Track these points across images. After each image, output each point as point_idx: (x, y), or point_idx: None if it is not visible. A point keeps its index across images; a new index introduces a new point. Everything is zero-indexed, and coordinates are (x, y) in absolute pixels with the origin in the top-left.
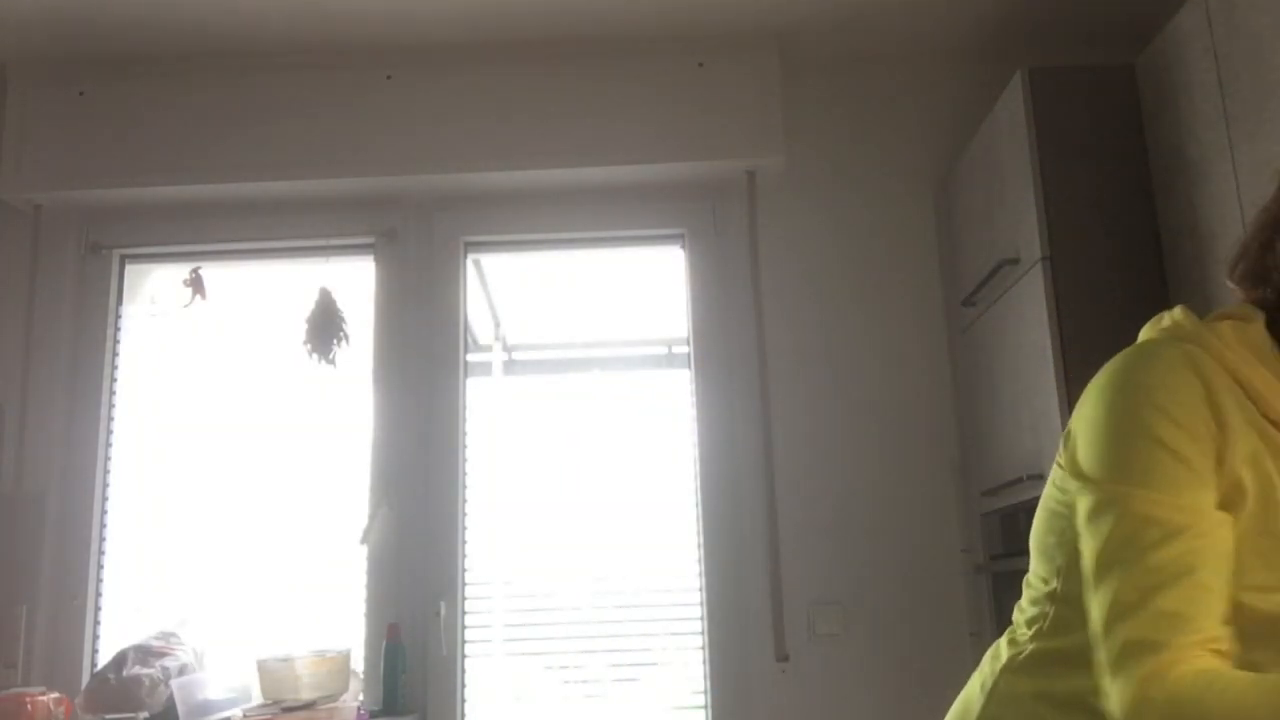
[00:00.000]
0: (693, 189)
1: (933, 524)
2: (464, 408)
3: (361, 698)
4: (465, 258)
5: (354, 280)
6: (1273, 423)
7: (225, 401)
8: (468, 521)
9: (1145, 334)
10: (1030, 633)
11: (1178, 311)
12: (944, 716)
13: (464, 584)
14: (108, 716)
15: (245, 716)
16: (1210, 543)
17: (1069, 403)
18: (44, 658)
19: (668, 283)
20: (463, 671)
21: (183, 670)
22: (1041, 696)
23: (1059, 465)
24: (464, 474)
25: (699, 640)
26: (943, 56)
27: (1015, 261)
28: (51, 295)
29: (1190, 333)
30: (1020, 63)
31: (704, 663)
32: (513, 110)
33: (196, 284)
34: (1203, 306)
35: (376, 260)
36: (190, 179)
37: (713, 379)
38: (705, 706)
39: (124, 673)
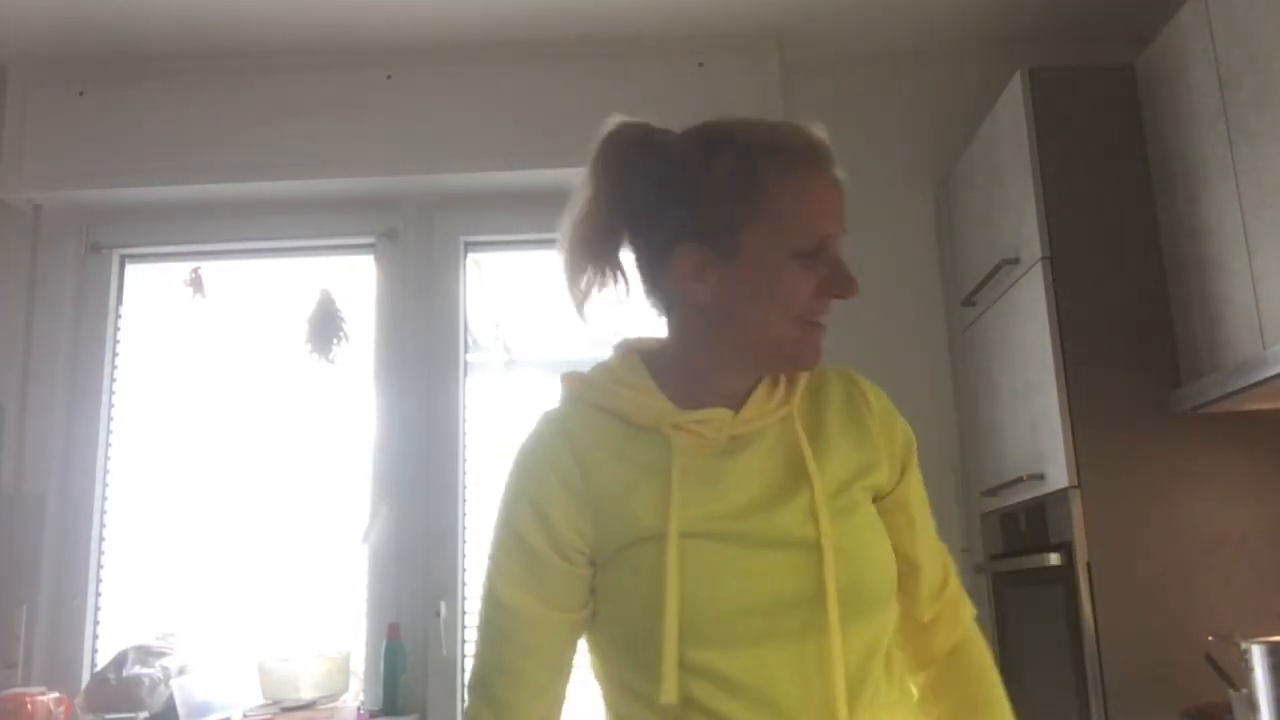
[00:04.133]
0: None
1: None
2: (464, 408)
3: (362, 698)
4: (465, 258)
5: (354, 280)
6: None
7: (225, 401)
8: (468, 521)
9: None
10: None
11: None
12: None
13: (464, 584)
14: (108, 716)
15: (245, 716)
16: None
17: (1069, 403)
18: (44, 658)
19: None
20: (463, 671)
21: (183, 670)
22: None
23: None
24: (464, 474)
25: None
26: (943, 56)
27: (1015, 261)
28: (51, 295)
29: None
30: (1020, 63)
31: None
32: (513, 110)
33: (196, 284)
34: (1202, 307)
35: (376, 260)
36: (190, 179)
37: None
38: None
39: (124, 673)
